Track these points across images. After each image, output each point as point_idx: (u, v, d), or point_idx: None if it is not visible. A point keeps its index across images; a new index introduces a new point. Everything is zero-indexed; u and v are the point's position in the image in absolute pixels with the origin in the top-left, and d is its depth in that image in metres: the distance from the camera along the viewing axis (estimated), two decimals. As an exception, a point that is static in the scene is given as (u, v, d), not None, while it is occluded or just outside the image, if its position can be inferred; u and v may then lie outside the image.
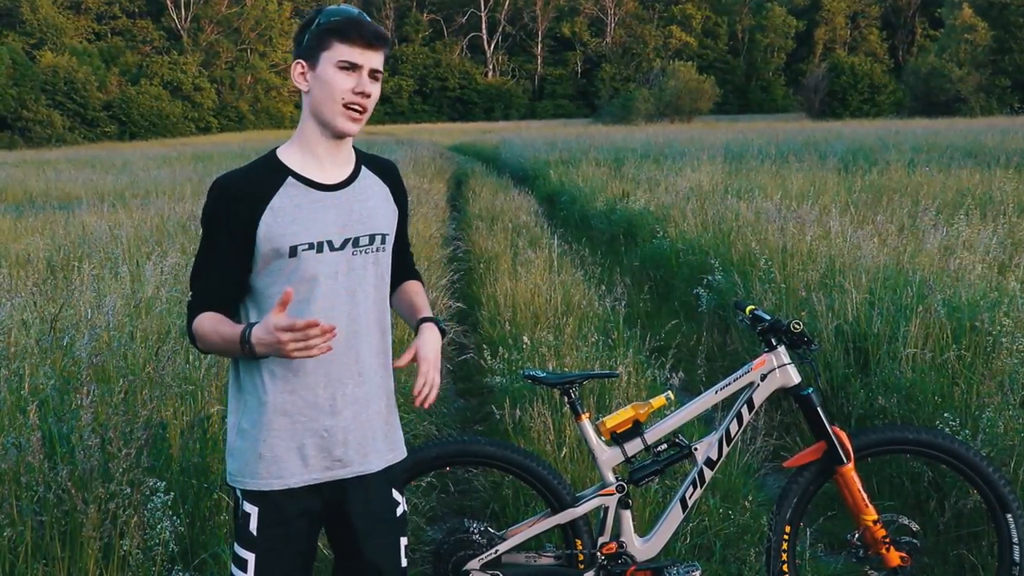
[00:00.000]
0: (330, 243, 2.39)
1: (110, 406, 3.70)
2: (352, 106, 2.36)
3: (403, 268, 2.79)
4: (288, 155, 2.44)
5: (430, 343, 2.60)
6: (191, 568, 3.45)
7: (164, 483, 3.41)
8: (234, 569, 2.46)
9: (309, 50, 2.38)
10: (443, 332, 2.69)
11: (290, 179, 2.39)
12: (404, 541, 2.60)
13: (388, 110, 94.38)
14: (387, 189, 2.59)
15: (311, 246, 2.36)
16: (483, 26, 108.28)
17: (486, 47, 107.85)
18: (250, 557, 2.43)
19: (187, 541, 3.54)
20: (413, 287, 2.80)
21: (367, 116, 2.43)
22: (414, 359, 2.58)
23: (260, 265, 2.38)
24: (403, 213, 2.68)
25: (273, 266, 2.37)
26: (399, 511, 2.60)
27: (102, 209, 14.08)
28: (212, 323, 2.37)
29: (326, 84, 2.35)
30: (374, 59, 2.37)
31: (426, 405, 2.58)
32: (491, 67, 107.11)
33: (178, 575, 3.30)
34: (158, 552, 3.27)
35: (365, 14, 2.41)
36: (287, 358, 2.26)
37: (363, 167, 2.55)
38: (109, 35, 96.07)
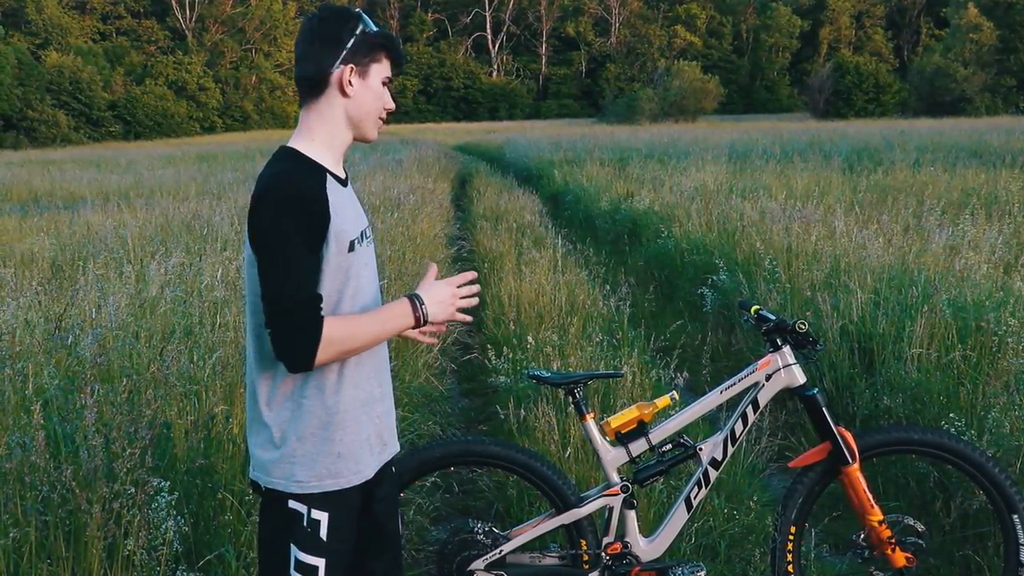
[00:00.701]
0: (360, 237, 2.45)
1: (114, 406, 3.70)
2: (381, 120, 2.50)
3: None
4: (315, 153, 2.42)
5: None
6: (195, 568, 3.44)
7: (168, 483, 3.41)
8: None
9: (358, 56, 2.40)
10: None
11: (328, 176, 2.40)
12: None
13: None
14: None
15: (360, 239, 2.44)
16: (487, 26, 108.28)
17: (490, 47, 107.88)
18: (320, 563, 2.41)
19: (191, 541, 3.54)
20: None
21: None
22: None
23: (328, 263, 2.34)
24: None
25: (339, 263, 2.35)
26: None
27: (107, 209, 14.10)
28: (354, 320, 2.36)
29: (376, 96, 2.44)
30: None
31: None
32: (495, 67, 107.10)
33: (182, 575, 3.30)
34: (162, 552, 3.27)
35: None
36: (449, 319, 2.50)
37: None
38: (114, 35, 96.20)
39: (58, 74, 76.21)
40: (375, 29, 2.43)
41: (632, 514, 3.43)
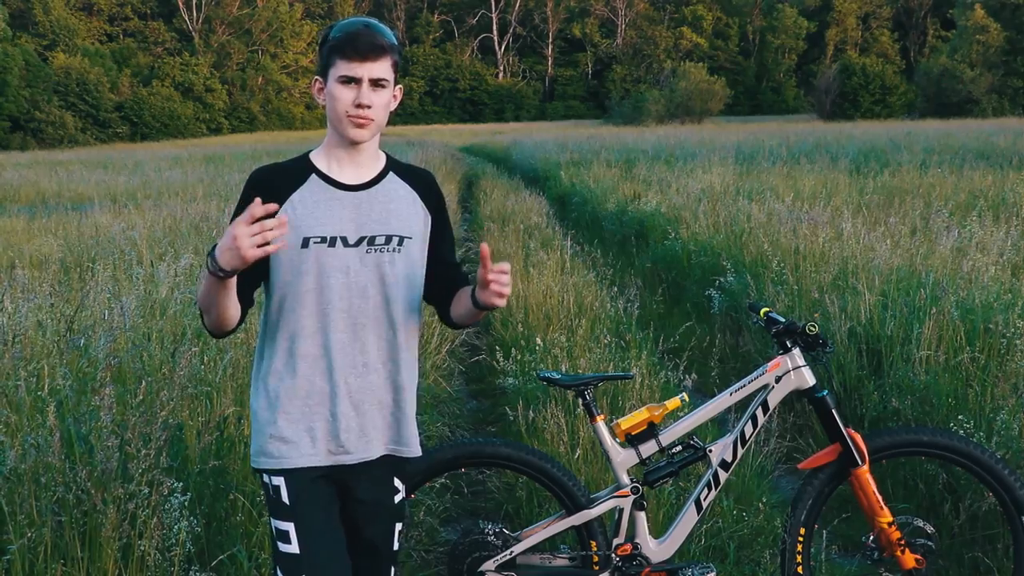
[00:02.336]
0: (344, 239, 2.52)
1: (129, 407, 3.72)
2: (354, 118, 2.49)
3: (448, 281, 2.75)
4: (317, 157, 2.60)
5: None
6: (208, 568, 3.46)
7: (182, 484, 3.43)
8: (279, 545, 2.55)
9: (322, 68, 2.54)
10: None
11: (313, 176, 2.56)
12: (399, 527, 2.74)
13: (399, 111, 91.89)
14: (415, 194, 2.68)
15: (323, 240, 2.50)
16: (494, 27, 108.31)
17: (497, 48, 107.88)
18: (290, 527, 2.53)
19: (204, 542, 3.56)
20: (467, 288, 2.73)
21: (377, 123, 2.53)
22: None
23: (278, 252, 2.42)
24: (438, 221, 2.73)
25: (288, 255, 2.48)
26: (397, 498, 2.72)
27: (115, 210, 14.14)
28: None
29: (333, 99, 2.50)
30: (373, 70, 2.47)
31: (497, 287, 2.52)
32: (502, 68, 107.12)
33: (195, 575, 3.32)
34: (176, 553, 3.29)
35: (374, 22, 2.52)
36: (244, 260, 2.22)
37: (391, 172, 2.66)
38: (121, 36, 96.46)
39: (65, 75, 76.41)
40: (335, 35, 2.50)
41: (642, 515, 3.44)
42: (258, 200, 2.24)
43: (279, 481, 2.54)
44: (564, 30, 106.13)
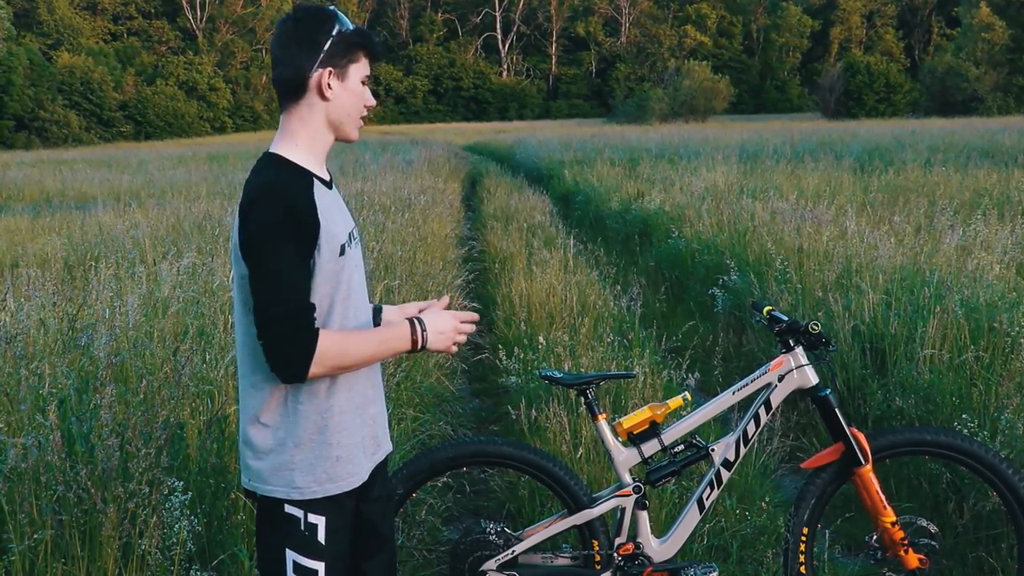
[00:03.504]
0: (350, 237, 2.46)
1: (130, 406, 3.72)
2: (362, 118, 2.48)
3: None
4: (299, 157, 2.39)
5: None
6: (209, 568, 3.46)
7: (182, 483, 3.43)
8: None
9: (336, 59, 2.36)
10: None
11: (314, 180, 2.38)
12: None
13: (402, 110, 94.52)
14: None
15: (349, 242, 2.43)
16: (497, 26, 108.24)
17: (500, 47, 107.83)
18: (320, 566, 2.41)
19: (204, 541, 3.56)
20: None
21: None
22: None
23: (320, 268, 2.33)
24: None
25: (328, 265, 2.33)
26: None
27: (118, 209, 14.15)
28: (350, 337, 2.35)
29: (356, 97, 2.41)
30: None
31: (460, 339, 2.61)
32: (505, 67, 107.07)
33: (196, 575, 3.32)
34: (176, 552, 3.28)
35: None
36: (444, 350, 2.50)
37: None
38: (125, 35, 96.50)
39: (69, 74, 76.48)
40: (351, 27, 2.39)
41: (644, 515, 3.43)
42: (475, 316, 2.55)
43: (317, 520, 2.39)
44: (568, 28, 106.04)
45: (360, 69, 2.41)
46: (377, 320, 2.69)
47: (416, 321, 2.45)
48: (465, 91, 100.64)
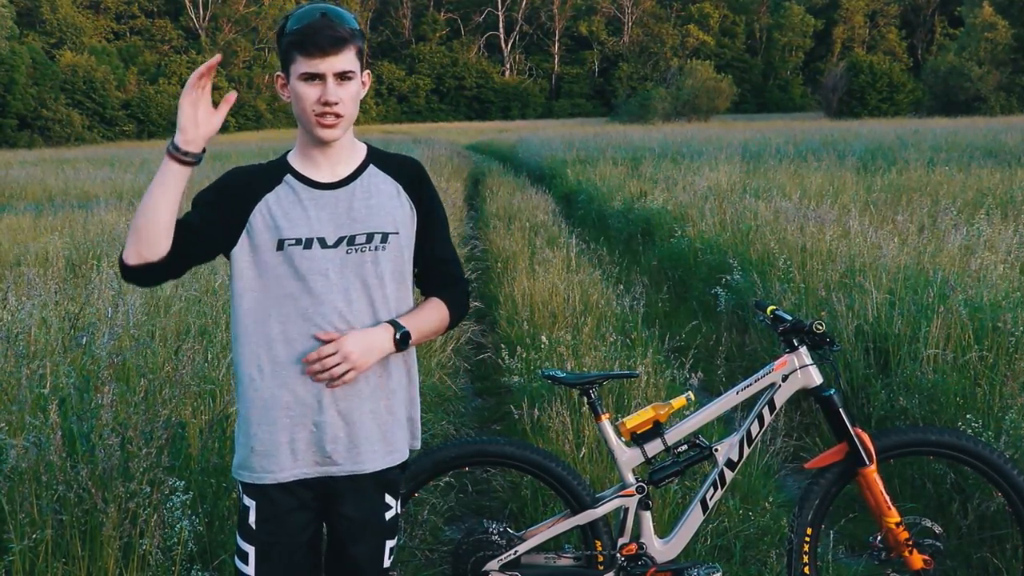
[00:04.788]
0: (322, 240, 2.41)
1: (130, 405, 3.71)
2: (321, 117, 2.38)
3: (433, 279, 2.66)
4: (292, 156, 2.52)
5: (360, 334, 2.43)
6: (210, 568, 3.45)
7: (183, 482, 3.42)
8: (237, 562, 2.52)
9: (283, 63, 2.42)
10: (400, 342, 2.48)
11: (288, 176, 2.46)
12: (391, 544, 2.61)
13: (405, 109, 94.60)
14: (397, 186, 2.54)
15: (299, 242, 2.39)
16: (500, 25, 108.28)
17: (503, 46, 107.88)
18: (251, 550, 2.48)
19: (206, 541, 3.55)
20: (429, 303, 2.62)
21: (347, 117, 2.42)
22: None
23: (252, 255, 2.43)
24: (425, 214, 2.58)
25: (264, 257, 2.42)
26: (388, 515, 2.59)
27: (120, 208, 14.15)
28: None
29: (297, 98, 2.39)
30: (337, 63, 2.34)
31: (307, 372, 2.42)
32: (508, 66, 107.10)
33: (197, 575, 3.30)
34: (177, 552, 3.27)
35: (332, 8, 2.38)
36: (197, 122, 2.38)
37: (371, 165, 2.53)
38: (128, 34, 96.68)
39: (72, 73, 76.57)
40: (292, 28, 2.36)
41: (647, 515, 3.41)
42: (216, 59, 2.36)
43: (249, 503, 2.48)
44: (570, 28, 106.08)
45: (297, 68, 2.35)
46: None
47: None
48: (468, 90, 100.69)
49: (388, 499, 2.58)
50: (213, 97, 2.37)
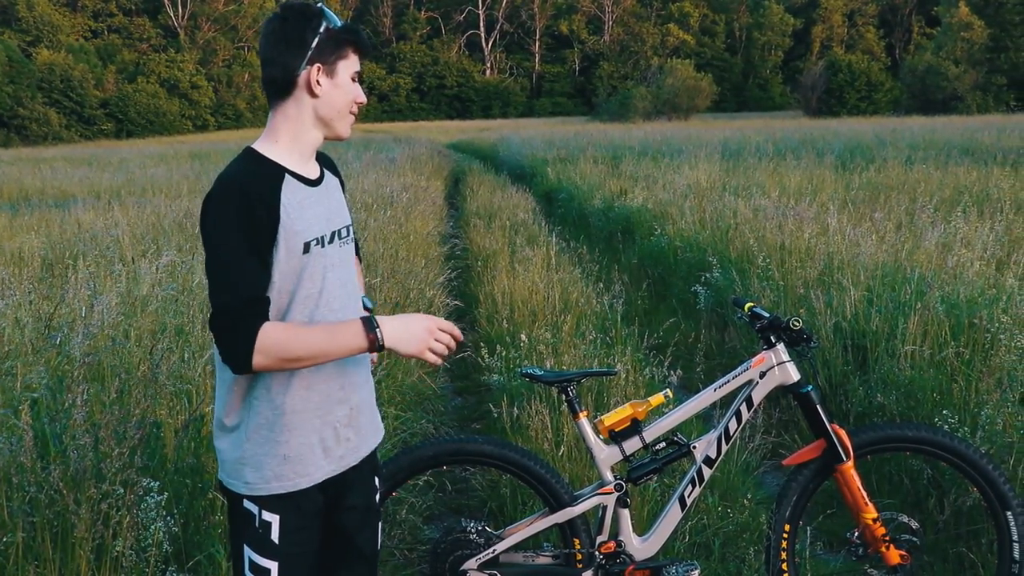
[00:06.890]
0: (324, 238, 2.42)
1: (103, 405, 3.67)
2: (353, 114, 2.46)
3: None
4: (276, 153, 2.38)
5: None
6: (185, 569, 3.42)
7: (158, 483, 3.38)
8: None
9: (324, 55, 2.35)
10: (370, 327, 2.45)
11: (288, 176, 2.36)
12: (379, 524, 2.72)
13: (386, 108, 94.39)
14: (337, 181, 2.63)
15: (318, 241, 2.38)
16: (481, 24, 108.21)
17: (484, 45, 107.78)
18: (273, 566, 2.40)
19: (181, 542, 3.51)
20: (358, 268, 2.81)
21: None
22: None
23: (286, 262, 2.31)
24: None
25: (291, 264, 2.32)
26: (377, 497, 2.70)
27: (98, 207, 14.05)
28: (295, 330, 2.28)
29: (345, 93, 2.40)
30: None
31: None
32: (489, 65, 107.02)
33: (172, 576, 3.28)
34: (152, 553, 3.23)
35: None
36: (416, 356, 2.39)
37: (319, 163, 2.56)
38: (106, 32, 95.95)
39: (49, 72, 76.04)
40: (339, 24, 2.38)
41: (626, 513, 3.41)
42: (458, 331, 2.43)
43: (271, 518, 2.39)
44: (551, 27, 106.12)
45: (349, 65, 2.40)
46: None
47: (367, 320, 2.34)
48: (449, 89, 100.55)
49: (376, 481, 2.68)
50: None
